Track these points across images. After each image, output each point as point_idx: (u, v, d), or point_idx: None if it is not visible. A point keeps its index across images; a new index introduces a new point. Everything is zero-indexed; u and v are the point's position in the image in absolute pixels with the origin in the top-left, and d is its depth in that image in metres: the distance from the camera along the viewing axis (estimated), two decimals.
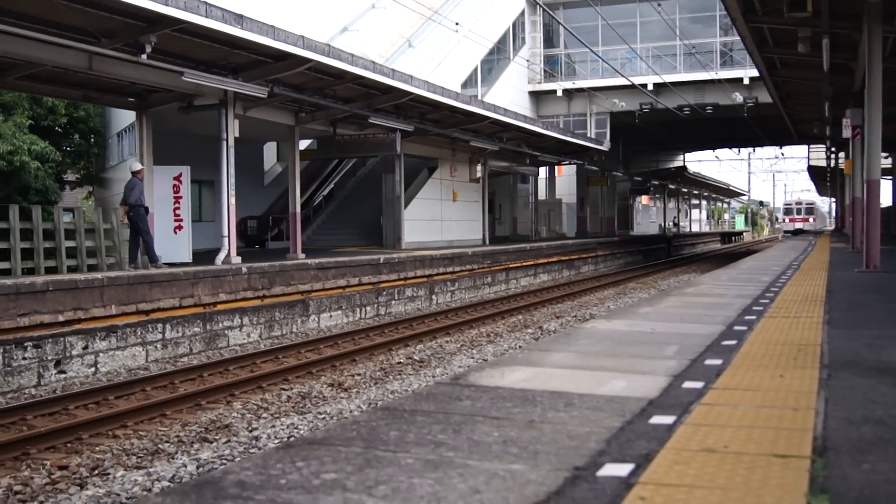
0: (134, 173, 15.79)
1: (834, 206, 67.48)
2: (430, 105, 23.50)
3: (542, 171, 40.68)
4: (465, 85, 36.91)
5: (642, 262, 42.00)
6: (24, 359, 10.86)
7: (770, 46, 18.96)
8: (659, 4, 37.06)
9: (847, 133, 18.91)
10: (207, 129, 18.58)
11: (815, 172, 65.04)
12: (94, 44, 13.84)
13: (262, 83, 17.20)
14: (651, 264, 39.69)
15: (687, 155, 68.24)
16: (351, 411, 9.37)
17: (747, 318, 6.47)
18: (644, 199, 65.58)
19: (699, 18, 42.31)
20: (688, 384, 3.88)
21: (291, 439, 7.76)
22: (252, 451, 7.78)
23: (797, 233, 59.08)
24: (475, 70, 38.80)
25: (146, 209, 15.79)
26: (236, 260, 17.42)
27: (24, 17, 12.93)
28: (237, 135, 17.84)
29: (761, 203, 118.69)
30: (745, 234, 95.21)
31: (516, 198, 39.63)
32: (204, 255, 18.41)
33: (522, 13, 43.26)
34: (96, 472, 7.44)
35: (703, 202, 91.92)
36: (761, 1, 15.40)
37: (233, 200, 17.83)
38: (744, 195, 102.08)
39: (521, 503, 2.26)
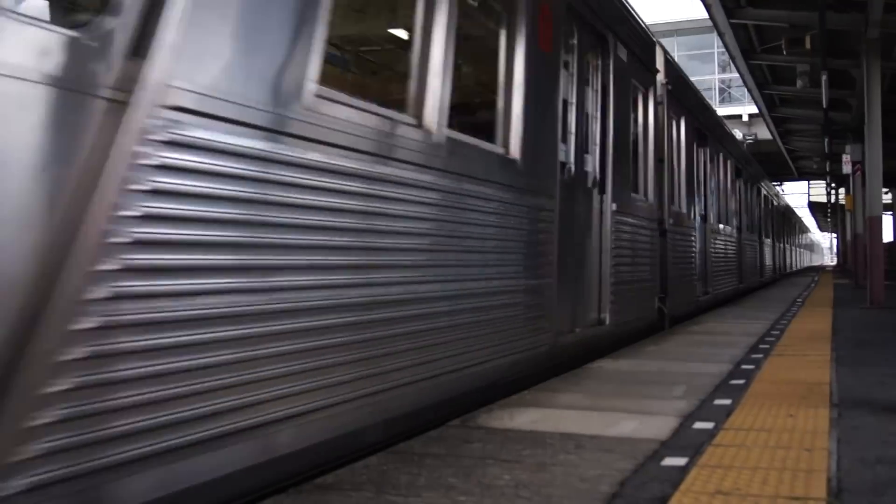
0: None
1: (836, 241, 63.06)
2: None
3: None
4: None
5: None
6: None
7: (769, 84, 19.11)
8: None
9: (847, 169, 18.95)
10: None
11: (815, 208, 64.39)
12: None
13: None
14: None
15: None
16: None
17: (754, 356, 6.44)
18: None
19: (697, 55, 42.72)
20: (698, 425, 3.85)
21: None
22: None
23: None
24: None
25: None
26: None
27: None
28: None
29: None
30: None
31: None
32: None
33: None
34: None
35: None
36: (760, 39, 15.56)
37: None
38: None
39: None
